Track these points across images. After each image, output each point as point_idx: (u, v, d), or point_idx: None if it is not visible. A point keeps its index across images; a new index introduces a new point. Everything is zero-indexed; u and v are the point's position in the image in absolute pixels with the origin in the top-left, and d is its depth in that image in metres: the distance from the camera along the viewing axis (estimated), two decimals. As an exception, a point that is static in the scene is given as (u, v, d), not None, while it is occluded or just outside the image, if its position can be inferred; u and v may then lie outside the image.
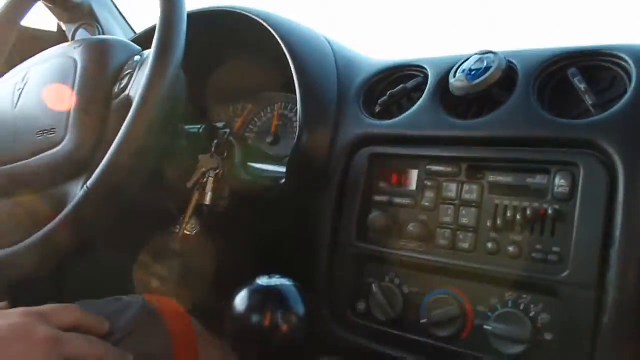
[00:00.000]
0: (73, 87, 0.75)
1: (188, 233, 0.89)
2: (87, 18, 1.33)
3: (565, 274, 0.63)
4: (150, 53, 0.68)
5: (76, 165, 0.72)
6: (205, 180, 0.87)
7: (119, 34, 1.37)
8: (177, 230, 0.88)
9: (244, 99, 1.14)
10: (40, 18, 1.40)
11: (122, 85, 0.74)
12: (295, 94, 0.84)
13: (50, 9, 1.33)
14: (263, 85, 1.11)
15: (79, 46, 0.78)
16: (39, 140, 0.75)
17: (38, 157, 0.75)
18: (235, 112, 1.15)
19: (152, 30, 0.74)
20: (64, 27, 1.37)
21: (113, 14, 1.38)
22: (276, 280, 0.56)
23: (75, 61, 0.76)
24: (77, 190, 0.68)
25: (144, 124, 0.64)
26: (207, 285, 0.93)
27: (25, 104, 0.80)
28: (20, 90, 0.83)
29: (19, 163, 0.77)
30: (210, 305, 0.75)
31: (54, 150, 0.73)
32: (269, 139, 1.09)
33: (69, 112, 0.73)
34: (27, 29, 1.42)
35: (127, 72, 0.75)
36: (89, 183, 0.65)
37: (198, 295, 0.89)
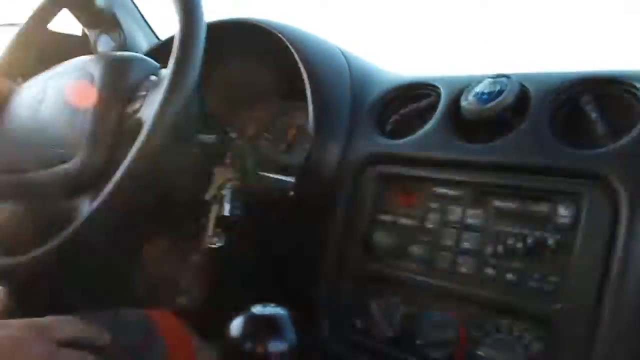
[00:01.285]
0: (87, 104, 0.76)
1: (213, 246, 0.89)
2: (110, 24, 1.35)
3: (560, 305, 0.62)
4: (165, 74, 0.69)
5: (85, 182, 0.73)
6: (222, 191, 0.88)
7: (141, 41, 1.38)
8: (199, 243, 0.89)
9: (257, 106, 1.15)
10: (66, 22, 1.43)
11: (135, 107, 0.75)
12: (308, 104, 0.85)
13: (74, 14, 1.35)
14: (277, 93, 1.12)
15: (97, 62, 0.80)
16: (51, 153, 0.77)
17: (49, 170, 0.76)
18: (248, 119, 1.16)
19: (171, 41, 0.75)
20: (87, 32, 1.40)
21: (136, 20, 1.40)
22: (270, 309, 0.58)
23: (92, 77, 0.77)
24: (85, 207, 0.69)
25: (152, 150, 0.65)
26: (221, 299, 0.93)
27: (42, 115, 0.82)
28: (39, 102, 0.84)
29: (30, 173, 0.79)
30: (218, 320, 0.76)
31: (65, 166, 0.74)
32: (283, 147, 1.09)
33: (81, 129, 0.75)
34: (52, 32, 1.45)
35: (141, 94, 0.76)
36: (94, 204, 0.66)
37: (212, 308, 0.89)
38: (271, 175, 0.92)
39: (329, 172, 0.84)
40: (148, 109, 0.72)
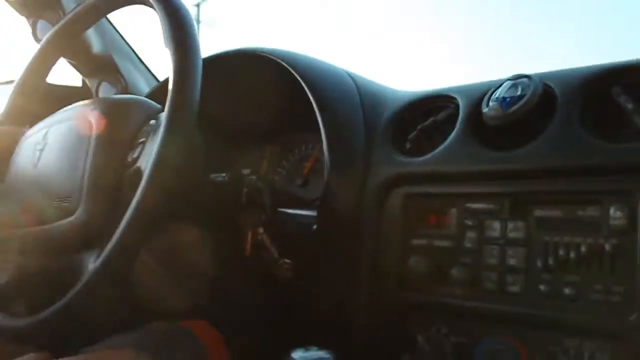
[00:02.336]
0: (87, 153, 0.73)
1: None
2: (110, 70, 1.33)
3: (634, 316, 0.56)
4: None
5: (89, 237, 0.70)
6: (260, 238, 0.84)
7: (141, 85, 1.36)
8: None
9: (268, 141, 1.11)
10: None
11: (134, 155, 0.72)
12: (320, 133, 0.80)
13: (72, 64, 1.34)
14: (287, 124, 1.08)
15: (95, 108, 0.77)
16: (56, 206, 0.74)
17: (54, 224, 0.73)
18: (260, 155, 1.12)
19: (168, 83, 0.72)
20: (87, 82, 1.38)
21: (135, 64, 1.38)
22: (313, 354, 0.53)
23: (91, 125, 0.74)
24: (91, 263, 0.66)
25: (154, 200, 0.62)
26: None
27: (45, 165, 0.79)
28: (40, 151, 0.82)
29: (37, 228, 0.76)
30: None
31: (69, 220, 0.71)
32: (299, 181, 1.05)
33: (82, 180, 0.72)
34: (52, 85, 1.43)
35: (140, 140, 0.73)
36: (97, 262, 0.63)
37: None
38: (291, 211, 0.87)
39: (351, 201, 0.79)
40: (146, 157, 0.68)
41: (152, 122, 0.75)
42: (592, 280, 0.60)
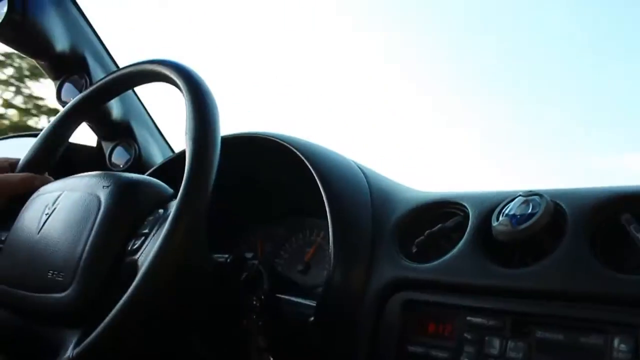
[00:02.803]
0: (90, 233, 0.73)
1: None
2: (125, 136, 1.35)
3: None
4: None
5: (75, 317, 0.69)
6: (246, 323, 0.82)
7: (156, 153, 1.38)
8: None
9: (272, 223, 1.11)
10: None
11: (135, 246, 0.72)
12: (326, 220, 0.80)
13: (90, 127, 1.36)
14: (292, 209, 1.08)
15: (106, 183, 0.77)
16: (49, 279, 0.73)
17: (43, 295, 0.73)
18: (263, 237, 1.11)
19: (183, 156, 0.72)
20: (103, 144, 1.40)
21: (152, 133, 1.40)
22: None
23: (99, 203, 0.75)
24: (72, 342, 0.65)
25: (144, 298, 0.61)
26: None
27: (47, 233, 0.79)
28: (47, 215, 0.82)
29: (26, 294, 0.75)
30: None
31: (59, 295, 0.71)
32: (300, 267, 1.04)
33: (80, 259, 0.71)
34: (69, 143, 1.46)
35: (144, 231, 0.73)
36: (79, 348, 0.62)
37: None
38: (290, 298, 0.86)
39: (352, 298, 0.78)
40: (146, 254, 0.68)
41: (160, 211, 0.75)
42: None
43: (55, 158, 0.99)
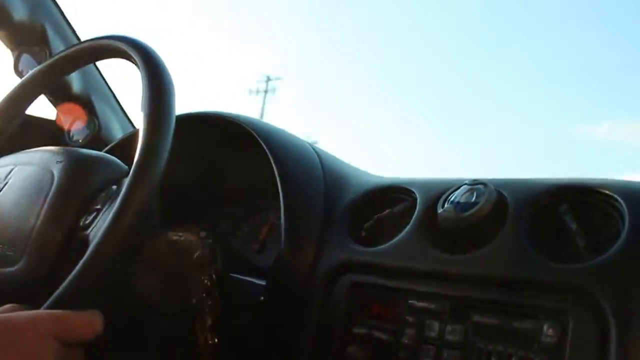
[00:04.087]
0: (41, 207, 0.72)
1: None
2: (86, 111, 1.34)
3: None
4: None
5: (26, 291, 0.69)
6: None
7: (116, 129, 1.37)
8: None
9: (229, 203, 1.12)
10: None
11: (87, 222, 0.72)
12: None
13: (49, 99, 1.35)
14: (250, 190, 1.09)
15: (60, 160, 0.77)
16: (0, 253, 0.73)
17: None
18: (219, 217, 1.12)
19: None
20: (62, 118, 1.38)
21: (113, 108, 1.39)
22: None
23: (52, 178, 0.74)
24: None
25: (94, 273, 0.62)
26: None
27: (0, 206, 0.78)
28: None
29: None
30: None
31: (8, 270, 0.71)
32: (256, 247, 1.05)
33: (30, 234, 0.71)
34: (27, 115, 1.43)
35: (96, 207, 0.73)
36: None
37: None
38: (242, 277, 0.87)
39: (300, 278, 0.80)
40: (96, 230, 0.68)
41: (114, 187, 0.75)
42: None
43: (10, 131, 0.98)
